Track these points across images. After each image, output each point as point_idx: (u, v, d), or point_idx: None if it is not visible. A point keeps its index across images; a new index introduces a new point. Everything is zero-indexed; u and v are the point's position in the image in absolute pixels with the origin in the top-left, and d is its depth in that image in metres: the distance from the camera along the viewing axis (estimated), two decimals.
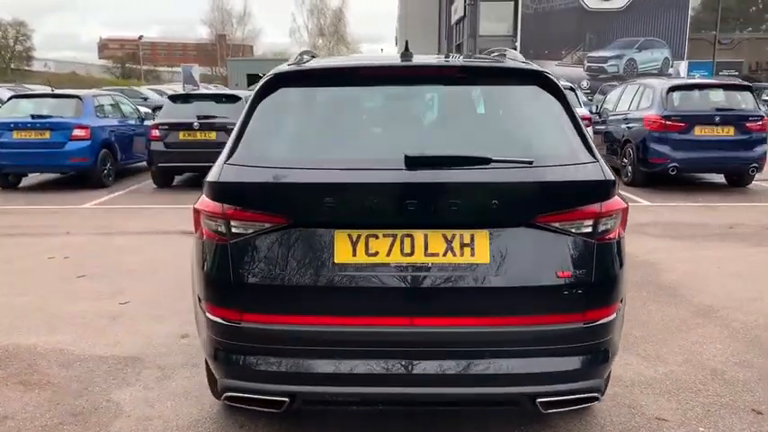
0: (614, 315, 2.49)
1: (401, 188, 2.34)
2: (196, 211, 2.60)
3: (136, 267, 5.84)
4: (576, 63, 26.50)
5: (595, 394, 2.46)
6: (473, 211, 2.35)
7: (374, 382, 2.38)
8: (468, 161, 2.35)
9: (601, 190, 2.41)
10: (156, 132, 10.16)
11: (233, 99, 10.54)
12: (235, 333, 2.45)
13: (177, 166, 10.25)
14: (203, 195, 2.59)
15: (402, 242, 2.36)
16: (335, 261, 2.37)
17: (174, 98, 11.09)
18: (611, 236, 2.46)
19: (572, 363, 2.42)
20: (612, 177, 2.44)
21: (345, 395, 2.42)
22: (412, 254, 2.36)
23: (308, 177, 2.38)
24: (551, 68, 27.48)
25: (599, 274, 2.41)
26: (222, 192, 2.46)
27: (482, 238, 2.36)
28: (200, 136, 10.05)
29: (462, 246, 2.35)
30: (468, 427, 3.06)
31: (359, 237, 2.37)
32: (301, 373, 2.40)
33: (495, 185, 2.34)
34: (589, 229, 2.41)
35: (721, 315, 4.60)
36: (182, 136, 10.09)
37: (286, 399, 2.42)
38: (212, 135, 10.01)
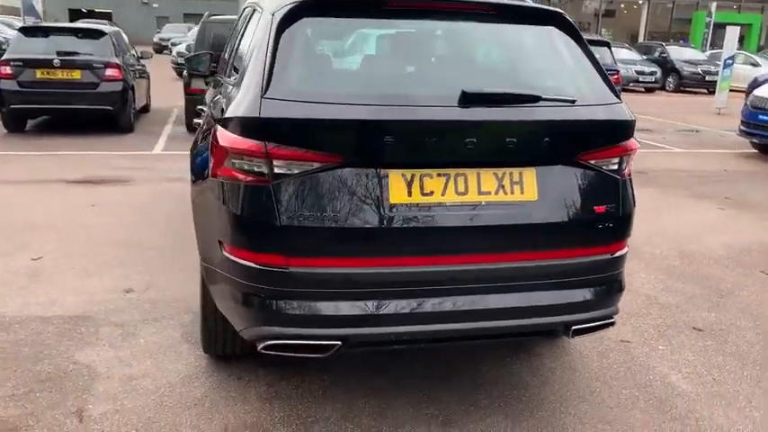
0: (627, 247, 2.69)
1: (456, 125, 2.32)
2: (221, 149, 2.39)
3: (33, 221, 5.22)
4: None
5: (613, 320, 2.66)
6: (523, 149, 2.40)
7: (424, 321, 2.38)
8: (520, 99, 2.38)
9: (628, 129, 2.56)
10: (6, 69, 8.96)
11: (97, 35, 9.55)
12: (280, 278, 2.32)
13: (34, 107, 9.17)
14: (224, 131, 2.39)
15: (456, 181, 2.36)
16: (391, 201, 2.32)
17: (27, 31, 9.80)
18: (629, 172, 2.63)
19: (599, 292, 2.59)
20: (634, 117, 2.60)
21: (396, 335, 2.40)
22: (466, 192, 2.36)
23: (363, 113, 2.27)
24: None
25: (623, 208, 2.57)
26: (264, 128, 2.27)
27: (530, 175, 2.42)
28: (61, 75, 9.03)
29: (512, 183, 2.40)
30: (461, 361, 3.19)
31: (413, 176, 2.33)
32: (354, 315, 2.34)
33: (545, 123, 2.40)
34: (616, 167, 2.56)
35: (634, 248, 5.11)
36: (39, 74, 9.00)
37: (338, 342, 2.35)
38: (76, 74, 9.04)
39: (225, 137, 2.38)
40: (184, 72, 10.41)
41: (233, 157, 2.35)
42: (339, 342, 2.35)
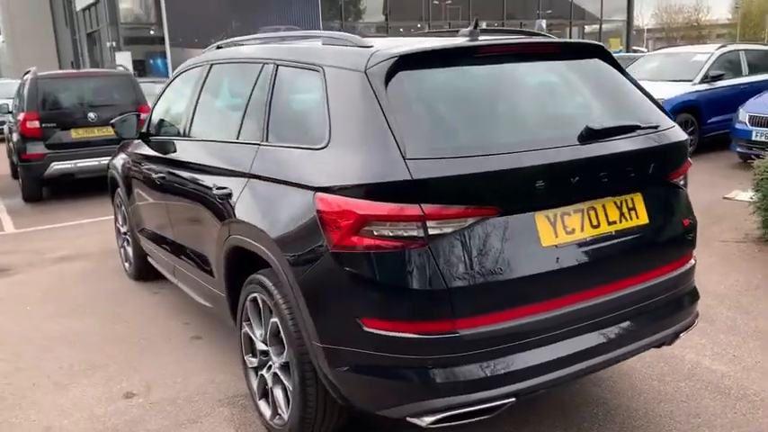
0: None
1: (586, 162, 2.38)
2: (352, 218, 2.21)
3: None
4: None
5: (697, 320, 2.88)
6: (631, 176, 2.52)
7: (583, 358, 2.40)
8: (624, 130, 2.50)
9: (687, 148, 2.81)
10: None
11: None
12: (448, 344, 2.19)
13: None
14: (346, 199, 2.22)
15: (588, 215, 2.42)
16: (543, 245, 2.31)
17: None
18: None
19: (690, 299, 2.80)
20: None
21: (557, 380, 2.38)
22: (599, 225, 2.43)
23: (512, 162, 2.24)
24: None
25: (693, 218, 2.82)
26: (417, 190, 2.15)
27: (639, 200, 2.55)
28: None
29: (629, 210, 2.51)
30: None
31: (555, 216, 2.35)
32: (525, 367, 2.29)
33: (648, 150, 2.55)
34: (683, 182, 2.80)
35: None
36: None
37: (512, 398, 2.28)
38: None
39: (358, 205, 2.20)
40: (11, 134, 9.31)
41: (374, 225, 2.19)
42: (513, 398, 2.28)
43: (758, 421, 2.95)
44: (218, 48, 3.93)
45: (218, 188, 3.08)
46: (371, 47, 2.56)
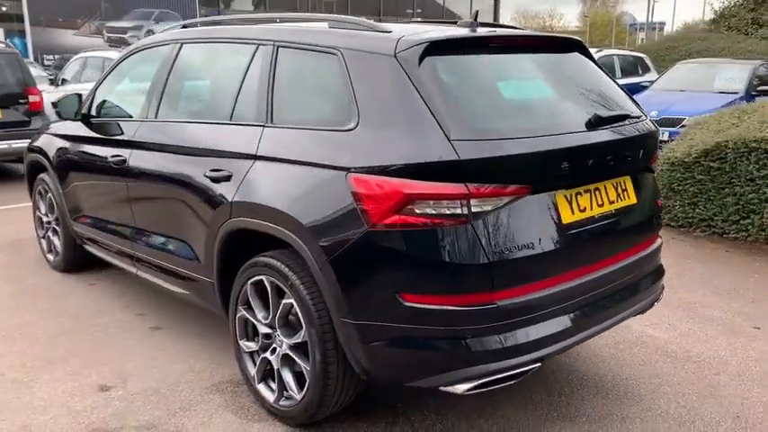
0: None
1: (593, 147, 2.61)
2: (395, 197, 2.29)
3: None
4: (95, 33, 24.88)
5: (663, 292, 3.23)
6: (627, 160, 2.80)
7: (594, 323, 2.65)
8: (620, 118, 2.77)
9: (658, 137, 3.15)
10: None
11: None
12: (485, 315, 2.34)
13: None
14: (389, 179, 2.31)
15: (595, 195, 2.65)
16: (564, 222, 2.51)
17: None
18: None
19: (659, 272, 3.13)
20: None
21: (570, 345, 2.60)
22: (603, 204, 2.68)
23: (544, 145, 2.44)
24: (69, 39, 24.71)
25: (661, 200, 3.17)
26: (464, 170, 2.27)
27: (629, 182, 2.84)
28: None
29: (623, 191, 2.79)
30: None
31: (571, 196, 2.56)
32: (549, 334, 2.48)
33: (636, 138, 2.83)
34: (652, 167, 3.14)
35: None
36: None
37: (538, 364, 2.46)
38: None
39: (404, 184, 2.30)
40: None
41: (417, 204, 2.29)
42: (539, 364, 2.47)
43: (707, 378, 3.36)
44: (184, 27, 3.80)
45: (213, 170, 3.01)
46: (391, 32, 2.65)
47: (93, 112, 4.21)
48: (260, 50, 3.04)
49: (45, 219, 5.01)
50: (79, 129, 4.27)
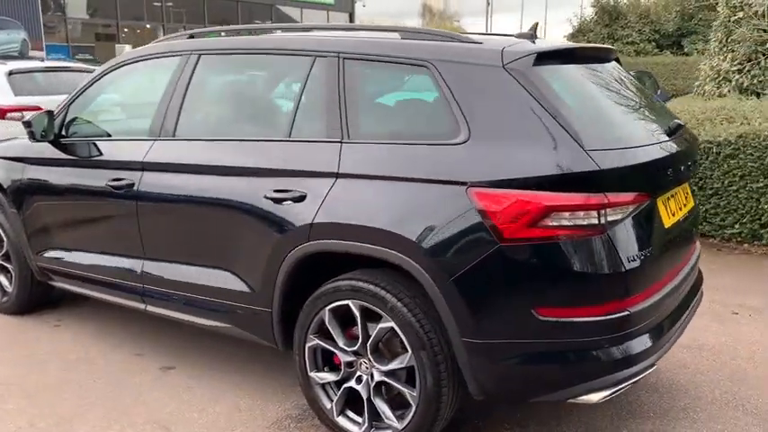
0: None
1: (679, 154, 2.74)
2: (530, 209, 2.27)
3: None
4: None
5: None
6: (691, 166, 2.94)
7: (679, 326, 2.76)
8: (681, 126, 2.94)
9: None
10: None
11: None
12: (620, 323, 2.37)
13: None
14: (523, 192, 2.30)
15: (676, 200, 2.79)
16: (665, 226, 2.61)
17: None
18: None
19: (701, 274, 3.33)
20: None
21: (671, 345, 2.70)
22: (681, 208, 2.82)
23: (653, 153, 2.53)
24: None
25: None
26: (603, 180, 2.30)
27: (687, 187, 3.01)
28: None
29: (686, 195, 2.95)
30: None
31: (666, 201, 2.67)
32: (662, 336, 2.56)
33: (695, 144, 3.01)
34: None
35: None
36: None
37: (654, 367, 2.53)
38: None
39: (541, 197, 2.28)
40: None
41: (552, 216, 2.28)
42: (654, 367, 2.54)
43: (727, 364, 3.64)
44: (192, 37, 3.48)
45: (278, 191, 2.80)
46: (482, 43, 2.63)
47: (69, 132, 3.74)
48: (320, 62, 2.87)
49: None
50: (46, 150, 3.77)
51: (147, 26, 32.36)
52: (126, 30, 31.11)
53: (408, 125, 2.71)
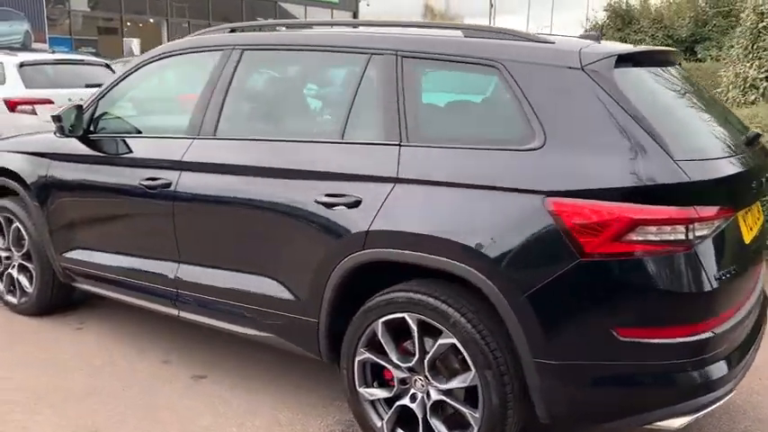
0: None
1: (759, 167, 2.57)
2: (631, 223, 2.11)
3: None
4: None
5: None
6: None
7: (754, 347, 2.61)
8: (759, 137, 2.78)
9: None
10: None
11: None
12: (705, 344, 2.22)
13: None
14: (622, 204, 2.13)
15: (752, 214, 2.63)
16: (745, 242, 2.46)
17: None
18: None
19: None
20: None
21: (748, 368, 2.54)
22: (756, 223, 2.66)
23: (738, 165, 2.37)
24: None
25: None
26: (692, 192, 2.15)
27: (759, 205, 2.81)
28: None
29: (758, 211, 2.78)
30: None
31: (744, 216, 2.51)
32: (740, 360, 2.41)
33: None
34: None
35: None
36: None
37: (733, 392, 2.38)
38: None
39: (630, 209, 2.13)
40: None
41: (639, 230, 2.13)
42: (734, 391, 2.39)
43: (756, 382, 3.50)
44: (233, 31, 3.32)
45: (330, 195, 2.64)
46: (554, 43, 2.48)
47: (99, 127, 3.58)
48: (375, 61, 2.71)
49: (3, 254, 4.19)
50: (73, 145, 3.61)
51: (151, 20, 32.18)
52: (129, 24, 30.93)
53: (474, 129, 2.56)
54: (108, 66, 9.34)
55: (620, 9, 16.14)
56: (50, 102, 8.07)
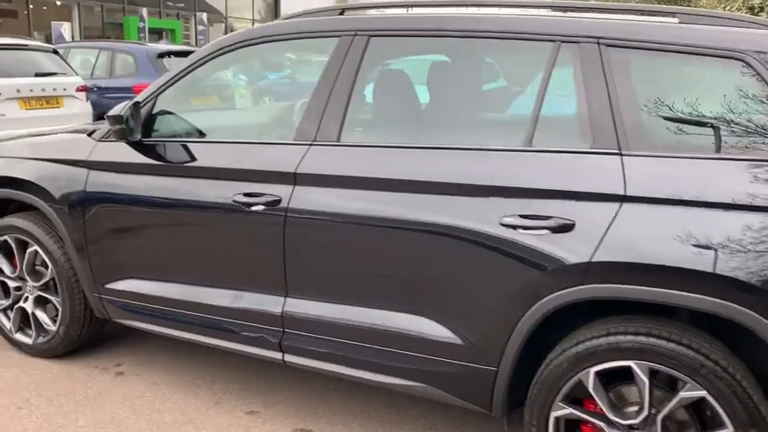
0: None
1: None
2: None
3: None
4: None
5: None
6: None
7: None
8: None
9: None
10: None
11: None
12: None
13: None
14: None
15: None
16: None
17: None
18: None
19: None
20: None
21: None
22: None
23: None
24: None
25: None
26: None
27: None
28: None
29: None
30: None
31: None
32: None
33: None
34: None
35: None
36: None
37: None
38: None
39: None
40: None
41: None
42: None
43: None
44: (342, 13, 2.72)
45: (525, 216, 2.15)
46: None
47: (157, 129, 2.90)
48: (567, 50, 2.23)
49: (12, 284, 3.40)
50: (122, 152, 2.92)
51: (58, 3, 29.91)
52: (32, 6, 28.54)
53: (722, 133, 2.12)
54: (56, 51, 8.26)
55: None
56: None
